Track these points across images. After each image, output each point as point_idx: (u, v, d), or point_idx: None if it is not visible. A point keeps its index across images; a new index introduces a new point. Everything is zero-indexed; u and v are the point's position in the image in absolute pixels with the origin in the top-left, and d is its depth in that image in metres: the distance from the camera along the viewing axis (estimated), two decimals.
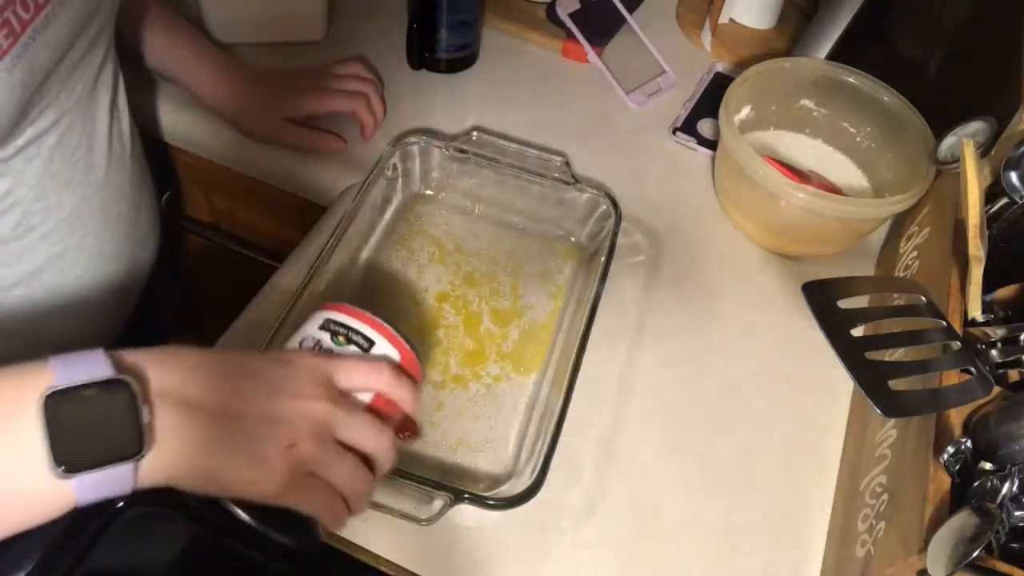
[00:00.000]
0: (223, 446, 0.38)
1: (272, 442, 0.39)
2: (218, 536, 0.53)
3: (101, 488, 0.35)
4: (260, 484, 0.39)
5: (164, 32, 0.73)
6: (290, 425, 0.40)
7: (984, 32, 0.76)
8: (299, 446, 0.40)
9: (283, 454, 0.40)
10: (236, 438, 0.39)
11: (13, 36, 0.45)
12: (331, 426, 0.42)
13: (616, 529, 0.56)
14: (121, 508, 0.53)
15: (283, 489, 0.40)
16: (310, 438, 0.41)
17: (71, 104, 0.55)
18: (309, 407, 0.41)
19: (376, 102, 0.76)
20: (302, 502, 0.41)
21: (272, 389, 0.41)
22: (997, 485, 0.42)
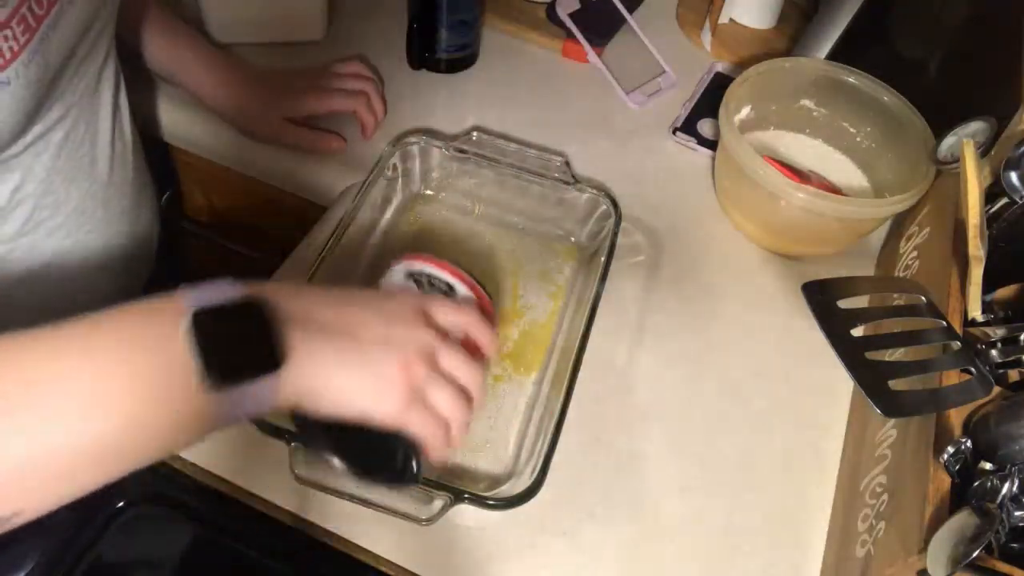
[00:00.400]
0: (351, 363, 0.40)
1: (390, 362, 0.42)
2: (218, 536, 0.53)
3: (246, 404, 0.37)
4: (384, 402, 0.41)
5: (163, 33, 0.73)
6: (403, 348, 0.42)
7: (984, 32, 0.76)
8: (412, 367, 0.42)
9: (400, 373, 0.42)
10: (361, 358, 0.41)
11: (29, 32, 0.46)
12: (435, 354, 0.44)
13: (616, 529, 0.56)
14: (121, 508, 0.53)
15: (402, 409, 0.42)
16: (421, 361, 0.43)
17: (76, 100, 0.56)
18: (418, 333, 0.44)
19: (376, 101, 0.76)
20: (415, 424, 0.43)
21: (384, 317, 0.43)
22: (997, 485, 0.42)
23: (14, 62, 0.45)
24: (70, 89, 0.54)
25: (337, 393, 0.40)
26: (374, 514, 0.52)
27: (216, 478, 0.55)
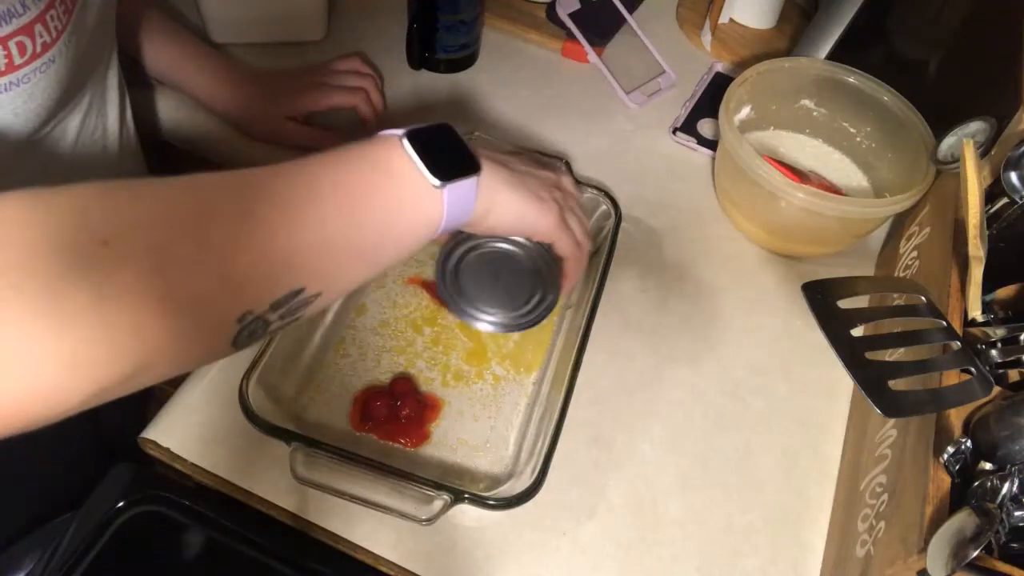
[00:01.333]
0: (519, 184, 0.49)
1: (542, 187, 0.52)
2: (218, 536, 0.53)
3: (459, 206, 0.45)
4: (545, 215, 0.51)
5: (160, 36, 0.73)
6: (546, 183, 0.53)
7: (984, 32, 0.76)
8: (555, 193, 0.53)
9: (550, 197, 0.52)
10: (521, 181, 0.50)
11: (68, 12, 0.47)
12: (565, 194, 0.55)
13: (616, 529, 0.56)
14: (121, 508, 0.53)
15: (558, 223, 0.52)
16: (560, 191, 0.54)
17: (92, 85, 0.56)
18: (552, 175, 0.54)
19: (376, 96, 0.76)
20: (565, 241, 0.53)
21: (527, 163, 0.53)
22: (997, 485, 0.42)
23: (59, 40, 0.47)
24: (89, 73, 0.55)
25: (513, 206, 0.49)
26: (374, 514, 0.52)
27: (216, 478, 0.55)
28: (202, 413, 0.57)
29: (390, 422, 0.57)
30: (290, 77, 0.76)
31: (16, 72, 0.45)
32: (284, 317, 0.38)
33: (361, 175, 0.42)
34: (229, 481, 0.55)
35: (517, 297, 0.54)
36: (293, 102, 0.73)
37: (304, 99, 0.74)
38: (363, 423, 0.57)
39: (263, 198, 0.38)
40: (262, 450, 0.54)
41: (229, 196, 0.37)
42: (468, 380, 0.61)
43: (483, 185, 0.47)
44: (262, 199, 0.38)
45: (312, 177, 0.40)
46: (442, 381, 0.61)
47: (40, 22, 0.45)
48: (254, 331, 0.37)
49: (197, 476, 0.55)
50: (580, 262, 0.55)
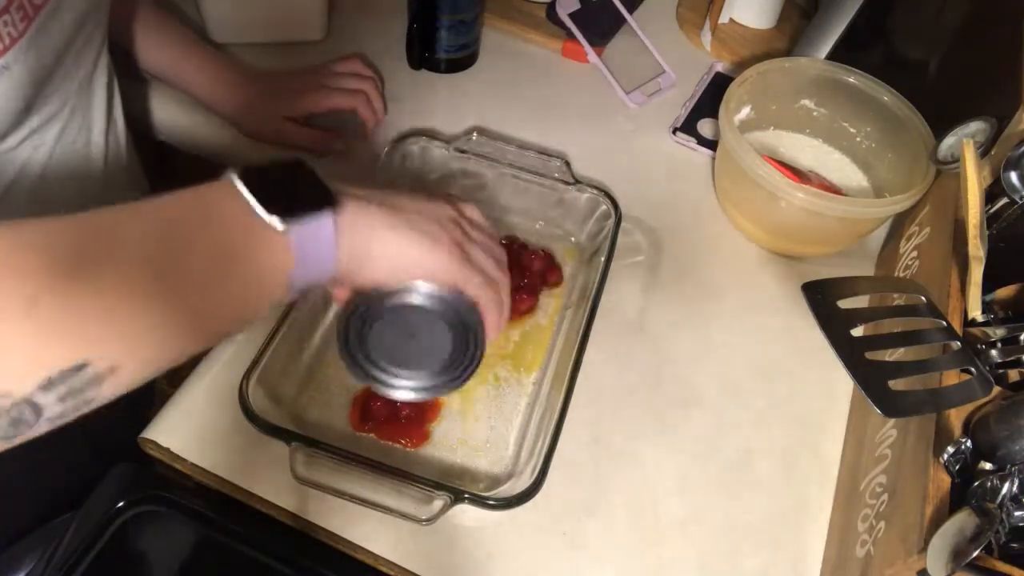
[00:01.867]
0: (400, 222, 0.44)
1: (431, 222, 0.46)
2: (218, 536, 0.53)
3: (314, 246, 0.39)
4: (437, 255, 0.45)
5: (159, 34, 0.73)
6: (439, 214, 0.47)
7: (984, 32, 0.76)
8: (450, 228, 0.47)
9: (443, 231, 0.46)
10: (406, 219, 0.44)
11: (27, 19, 0.46)
12: (464, 227, 0.48)
13: (616, 529, 0.56)
14: (121, 508, 0.53)
15: (457, 261, 0.46)
16: (456, 226, 0.47)
17: (72, 95, 0.56)
18: (448, 209, 0.48)
19: (376, 99, 0.76)
20: (472, 281, 0.47)
21: (416, 198, 0.47)
22: (997, 485, 0.42)
23: (13, 48, 0.45)
24: (66, 82, 0.54)
25: (392, 247, 0.43)
26: (374, 514, 0.52)
27: (216, 478, 0.55)
28: (202, 413, 0.57)
29: (390, 422, 0.57)
30: (290, 78, 0.76)
31: None
32: (64, 399, 0.31)
33: (181, 214, 0.36)
34: (229, 481, 0.55)
35: (435, 356, 0.47)
36: (293, 103, 0.73)
37: (304, 100, 0.74)
38: (363, 423, 0.57)
39: (39, 245, 0.31)
40: (262, 450, 0.54)
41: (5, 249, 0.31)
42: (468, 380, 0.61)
43: (348, 225, 0.41)
44: (37, 246, 0.31)
45: (116, 219, 0.34)
46: None
47: None
48: (20, 419, 0.30)
49: (197, 476, 0.55)
50: (497, 303, 0.48)
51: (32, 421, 0.31)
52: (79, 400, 0.31)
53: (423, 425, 0.58)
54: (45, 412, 0.31)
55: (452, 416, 0.59)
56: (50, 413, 0.31)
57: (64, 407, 0.31)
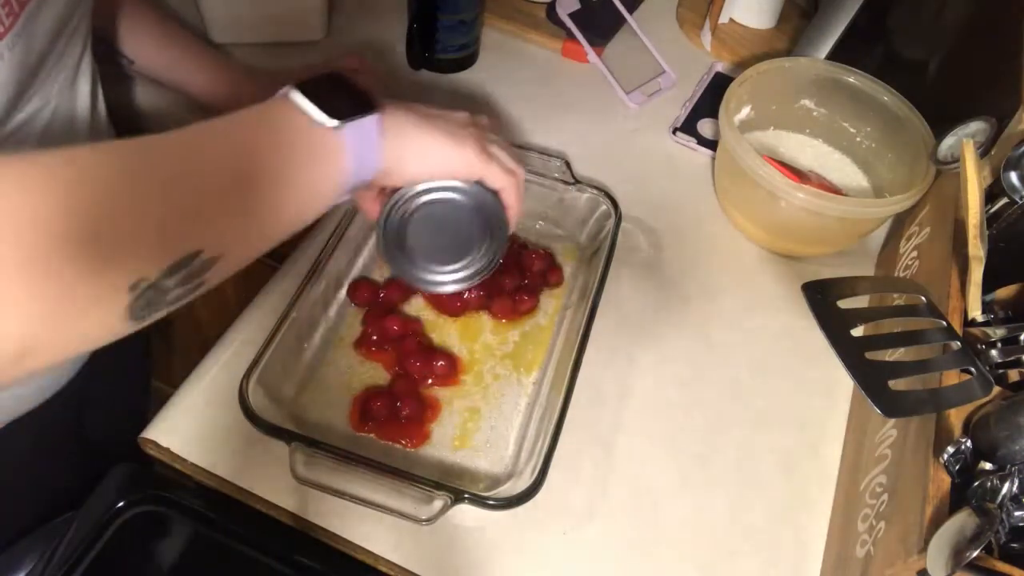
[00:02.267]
0: (427, 124, 0.48)
1: (454, 125, 0.50)
2: (218, 536, 0.53)
3: (364, 145, 0.44)
4: (461, 149, 0.49)
5: (155, 34, 0.72)
6: (459, 120, 0.52)
7: (984, 32, 0.76)
8: (473, 129, 0.52)
9: (467, 131, 0.51)
10: (432, 122, 0.49)
11: (13, 15, 0.46)
12: (481, 128, 0.53)
13: (616, 529, 0.56)
14: (121, 508, 0.53)
15: (481, 155, 0.50)
16: (474, 127, 0.52)
17: (55, 92, 0.55)
18: (467, 116, 0.53)
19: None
20: (494, 172, 0.51)
21: (440, 108, 0.52)
22: (997, 485, 0.42)
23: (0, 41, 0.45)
24: (50, 79, 0.54)
25: (425, 146, 0.48)
26: (374, 514, 0.52)
27: (216, 478, 0.55)
28: (202, 413, 0.57)
29: (390, 422, 0.57)
30: (288, 77, 0.76)
31: None
32: (184, 283, 0.36)
33: (251, 131, 0.41)
34: (229, 481, 0.55)
35: (468, 245, 0.52)
36: None
37: None
38: (363, 423, 0.57)
39: (149, 162, 0.36)
40: (262, 450, 0.54)
41: (112, 162, 0.36)
42: (468, 381, 0.61)
43: (388, 127, 0.46)
44: (148, 162, 0.36)
45: (200, 138, 0.39)
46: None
47: None
48: (151, 301, 0.35)
49: (197, 476, 0.55)
50: (517, 188, 0.53)
51: (160, 302, 0.36)
52: (194, 284, 0.37)
53: (423, 425, 0.58)
54: (169, 296, 0.36)
55: (452, 416, 0.59)
56: (172, 296, 0.36)
57: (182, 290, 0.36)
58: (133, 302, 0.34)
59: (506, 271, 0.63)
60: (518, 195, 0.53)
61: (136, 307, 0.34)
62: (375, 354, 0.61)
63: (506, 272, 0.64)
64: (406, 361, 0.60)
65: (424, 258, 0.52)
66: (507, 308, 0.64)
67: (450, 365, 0.60)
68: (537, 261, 0.67)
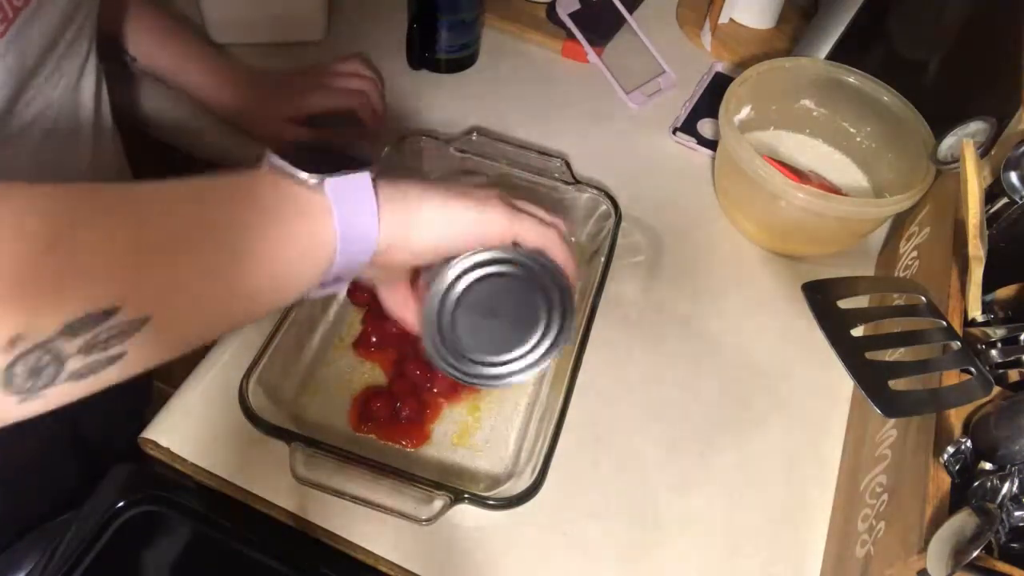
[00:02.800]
0: (438, 187, 0.41)
1: (470, 188, 0.43)
2: (218, 536, 0.53)
3: (355, 209, 0.37)
4: (487, 209, 0.42)
5: (158, 33, 0.72)
6: (473, 185, 0.45)
7: (984, 32, 0.76)
8: (490, 189, 0.44)
9: (484, 191, 0.43)
10: (443, 187, 0.42)
11: (6, 21, 0.45)
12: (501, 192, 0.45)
13: (616, 529, 0.56)
14: (121, 508, 0.53)
15: (507, 212, 0.43)
16: (492, 190, 0.44)
17: (57, 95, 0.55)
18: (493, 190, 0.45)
19: (376, 99, 0.76)
20: (527, 227, 0.43)
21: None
22: (997, 485, 0.42)
23: None
24: (50, 83, 0.54)
25: (438, 210, 0.40)
26: (374, 514, 0.52)
27: (216, 478, 0.55)
28: (202, 413, 0.57)
29: (390, 422, 0.57)
30: (291, 78, 0.76)
31: None
32: (90, 350, 0.28)
33: (217, 185, 0.36)
34: (229, 481, 0.55)
35: (530, 324, 0.44)
36: (294, 103, 0.73)
37: (305, 101, 0.74)
38: (363, 423, 0.57)
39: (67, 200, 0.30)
40: (262, 450, 0.54)
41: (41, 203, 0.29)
42: None
43: (386, 189, 0.39)
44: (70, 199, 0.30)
45: (159, 187, 0.34)
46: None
47: None
48: (38, 368, 0.27)
49: (197, 476, 0.55)
50: (560, 241, 0.46)
51: (53, 373, 0.28)
52: (104, 356, 0.29)
53: (423, 425, 0.58)
54: (68, 365, 0.28)
55: (452, 416, 0.59)
56: (72, 366, 0.28)
57: (88, 362, 0.29)
58: (11, 365, 0.27)
59: None
60: (564, 249, 0.46)
61: (15, 374, 0.27)
62: (375, 355, 0.61)
63: None
64: (407, 367, 0.60)
65: (488, 351, 0.44)
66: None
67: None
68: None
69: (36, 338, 0.27)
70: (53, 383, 0.28)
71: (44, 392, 0.28)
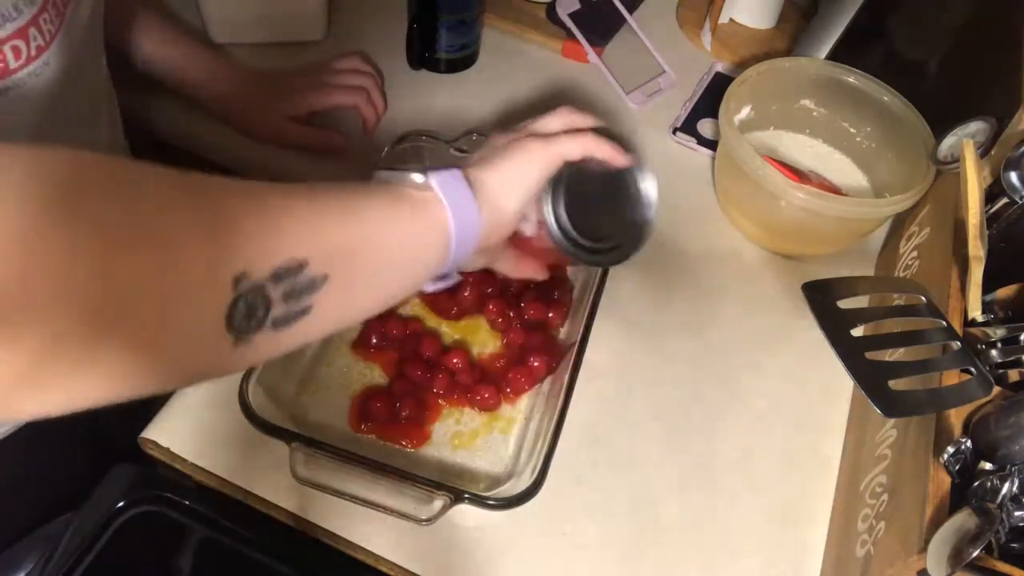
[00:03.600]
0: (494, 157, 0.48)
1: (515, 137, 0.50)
2: (218, 536, 0.53)
3: (458, 195, 0.44)
4: (526, 150, 0.48)
5: (158, 36, 0.72)
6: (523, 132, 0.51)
7: (984, 32, 0.76)
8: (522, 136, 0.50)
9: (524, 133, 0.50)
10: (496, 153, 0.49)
11: (60, 17, 0.47)
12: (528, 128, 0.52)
13: (616, 529, 0.56)
14: (121, 508, 0.53)
15: (541, 142, 0.49)
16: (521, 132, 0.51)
17: (82, 96, 0.56)
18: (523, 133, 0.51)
19: (376, 96, 0.76)
20: (561, 146, 0.49)
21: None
22: (997, 485, 0.42)
23: (52, 43, 0.46)
24: (80, 81, 0.54)
25: (505, 174, 0.47)
26: (374, 514, 0.52)
27: (216, 478, 0.55)
28: (202, 413, 0.57)
29: (390, 422, 0.57)
30: (290, 77, 0.76)
31: (11, 76, 0.45)
32: (288, 299, 0.34)
33: (351, 186, 0.42)
34: (229, 481, 0.55)
35: (622, 188, 0.54)
36: (294, 102, 0.73)
37: (305, 99, 0.74)
38: (363, 423, 0.57)
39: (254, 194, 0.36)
40: (262, 450, 0.54)
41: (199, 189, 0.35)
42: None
43: (472, 174, 0.46)
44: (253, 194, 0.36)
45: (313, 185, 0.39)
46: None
47: (34, 25, 0.44)
48: (253, 307, 0.33)
49: (197, 476, 0.55)
50: (596, 143, 0.52)
51: (262, 315, 0.33)
52: (300, 306, 0.35)
53: (423, 425, 0.58)
54: (273, 309, 0.33)
55: (452, 416, 0.59)
56: (276, 312, 0.34)
57: (287, 309, 0.34)
58: (234, 303, 0.32)
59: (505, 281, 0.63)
60: (603, 144, 0.51)
61: (237, 311, 0.32)
62: (374, 355, 0.61)
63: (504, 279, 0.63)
64: (407, 367, 0.60)
65: (611, 223, 0.54)
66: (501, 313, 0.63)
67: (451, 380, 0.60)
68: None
69: (255, 279, 0.32)
70: (261, 326, 0.33)
71: (253, 337, 0.33)
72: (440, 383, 0.59)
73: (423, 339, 0.61)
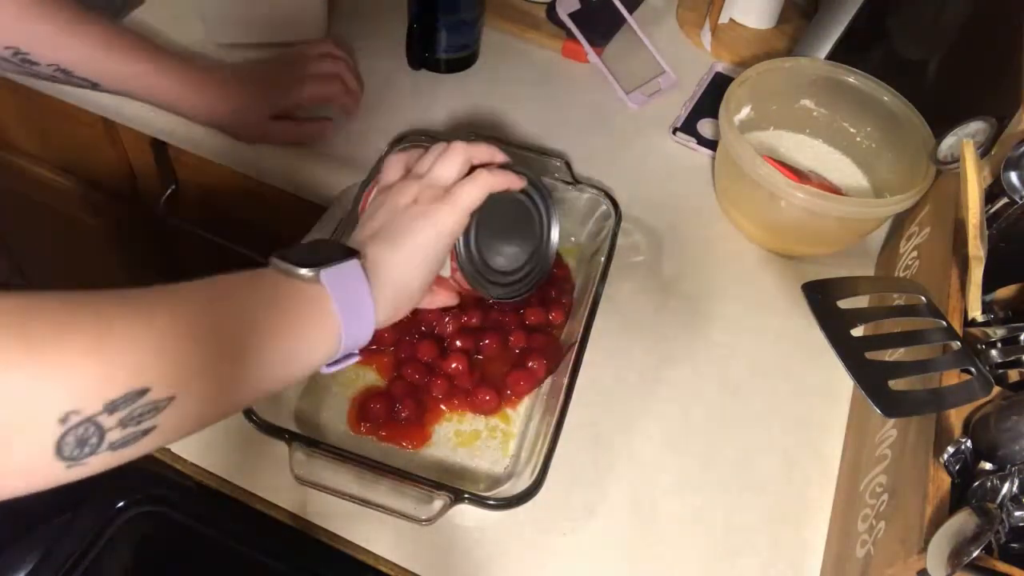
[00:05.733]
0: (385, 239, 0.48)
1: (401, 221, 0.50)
2: (218, 536, 0.53)
3: (344, 287, 0.43)
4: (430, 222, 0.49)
5: (115, 51, 0.65)
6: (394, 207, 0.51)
7: (984, 32, 0.76)
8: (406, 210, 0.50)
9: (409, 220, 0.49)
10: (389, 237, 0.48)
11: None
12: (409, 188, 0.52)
13: (616, 529, 0.56)
14: (121, 508, 0.53)
15: (451, 205, 0.50)
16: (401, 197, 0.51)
17: None
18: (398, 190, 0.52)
19: (350, 78, 0.76)
20: (467, 196, 0.50)
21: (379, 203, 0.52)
22: (997, 485, 0.42)
23: None
24: None
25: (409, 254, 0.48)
26: (374, 514, 0.52)
27: (216, 478, 0.55)
28: None
29: (390, 423, 0.57)
30: (265, 80, 0.74)
31: None
32: (126, 425, 0.33)
33: (230, 282, 0.41)
34: (229, 481, 0.55)
35: (529, 218, 0.58)
36: (275, 102, 0.72)
37: (285, 98, 0.73)
38: (363, 424, 0.57)
39: (102, 301, 0.35)
40: (262, 450, 0.54)
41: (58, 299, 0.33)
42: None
43: (372, 256, 0.46)
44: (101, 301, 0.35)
45: (169, 291, 0.38)
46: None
47: None
48: (83, 439, 0.32)
49: (197, 476, 0.55)
50: (485, 180, 0.52)
51: (95, 444, 0.32)
52: (138, 429, 0.34)
53: (423, 426, 0.58)
54: (107, 436, 0.33)
55: (452, 416, 0.59)
56: (112, 437, 0.33)
57: (124, 433, 0.33)
58: (62, 437, 0.31)
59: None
60: (493, 177, 0.52)
61: (66, 444, 0.31)
62: (374, 356, 0.61)
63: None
64: (405, 368, 0.60)
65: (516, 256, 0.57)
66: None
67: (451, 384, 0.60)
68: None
69: (86, 414, 0.32)
70: (95, 452, 0.33)
71: (88, 460, 0.33)
72: (440, 388, 0.59)
73: (421, 343, 0.61)
